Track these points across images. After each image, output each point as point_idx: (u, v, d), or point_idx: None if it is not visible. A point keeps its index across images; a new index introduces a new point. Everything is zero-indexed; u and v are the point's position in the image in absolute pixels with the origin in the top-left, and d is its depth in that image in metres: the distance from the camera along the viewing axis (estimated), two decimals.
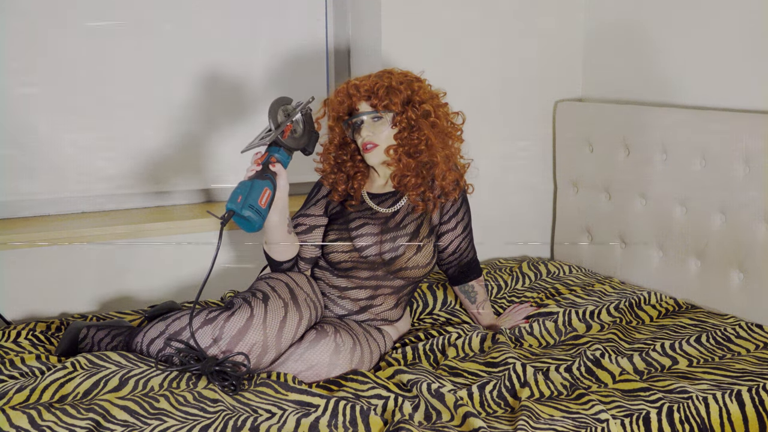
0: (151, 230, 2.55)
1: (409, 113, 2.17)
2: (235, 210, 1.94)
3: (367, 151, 2.19)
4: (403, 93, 2.17)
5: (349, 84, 2.21)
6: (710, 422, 1.83)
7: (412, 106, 2.18)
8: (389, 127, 2.18)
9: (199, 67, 2.74)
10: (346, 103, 2.19)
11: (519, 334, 2.28)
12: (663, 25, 2.73)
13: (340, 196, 2.27)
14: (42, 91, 2.56)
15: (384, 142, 2.18)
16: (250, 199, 1.94)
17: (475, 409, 1.86)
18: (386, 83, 2.17)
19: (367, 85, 2.17)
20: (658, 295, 2.53)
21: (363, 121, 2.18)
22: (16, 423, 1.66)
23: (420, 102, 2.19)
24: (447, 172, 2.21)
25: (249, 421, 1.72)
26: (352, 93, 2.18)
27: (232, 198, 1.96)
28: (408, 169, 2.19)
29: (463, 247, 2.32)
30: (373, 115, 2.17)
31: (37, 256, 2.43)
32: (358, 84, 2.19)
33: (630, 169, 2.75)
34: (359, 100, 2.18)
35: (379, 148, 2.18)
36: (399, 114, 2.17)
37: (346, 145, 2.26)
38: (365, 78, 2.21)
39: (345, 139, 2.25)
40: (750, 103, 2.47)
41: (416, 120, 2.17)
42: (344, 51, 2.93)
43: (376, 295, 2.22)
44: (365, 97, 2.17)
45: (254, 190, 1.96)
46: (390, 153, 2.19)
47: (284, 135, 2.03)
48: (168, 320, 2.03)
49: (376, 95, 2.16)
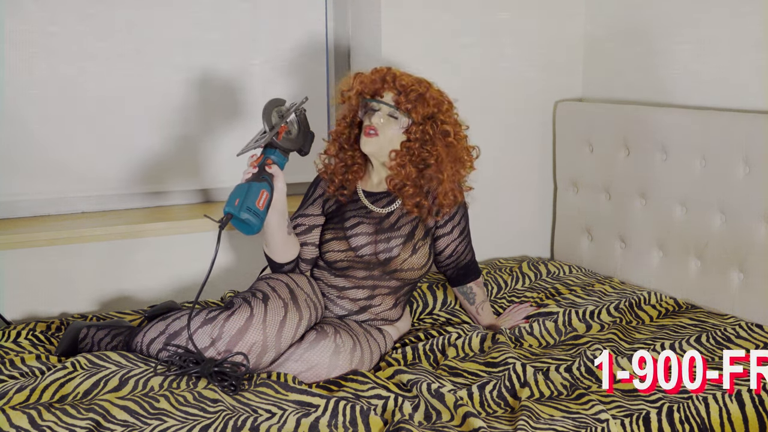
0: (150, 230, 2.55)
1: (427, 127, 2.18)
2: (233, 213, 1.94)
3: (368, 135, 2.17)
4: (430, 108, 2.18)
5: (389, 70, 2.21)
6: (710, 422, 1.83)
7: (433, 121, 2.19)
8: (399, 130, 2.19)
9: (198, 66, 2.74)
10: (378, 85, 2.19)
11: (519, 334, 2.28)
12: (663, 26, 2.73)
13: (336, 187, 2.27)
14: (41, 92, 2.56)
15: (386, 139, 2.18)
16: (247, 202, 1.94)
17: (475, 409, 1.86)
18: (421, 91, 2.18)
19: (403, 81, 2.18)
20: (658, 295, 2.53)
21: (380, 109, 2.18)
22: (16, 423, 1.66)
23: (442, 122, 2.20)
24: (450, 191, 2.22)
25: (249, 421, 1.72)
26: (387, 79, 2.18)
27: (229, 201, 1.95)
28: (408, 178, 2.19)
29: (460, 251, 2.32)
30: (392, 111, 2.18)
31: (37, 256, 2.43)
32: (397, 75, 2.19)
33: (630, 169, 2.75)
34: (389, 90, 2.19)
35: (379, 141, 2.18)
36: (416, 124, 2.17)
37: (352, 133, 2.25)
38: (405, 74, 2.22)
39: (354, 120, 2.24)
40: (750, 103, 2.47)
41: (432, 135, 2.18)
42: (344, 50, 2.93)
43: (374, 295, 2.22)
44: (396, 90, 2.18)
45: (251, 192, 1.95)
46: (393, 156, 2.19)
47: (279, 136, 2.03)
48: (168, 320, 2.03)
49: (406, 96, 2.16)
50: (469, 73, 2.86)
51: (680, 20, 2.67)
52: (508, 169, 2.98)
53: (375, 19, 2.76)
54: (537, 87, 3.01)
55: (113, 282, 2.55)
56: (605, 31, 2.97)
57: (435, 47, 2.80)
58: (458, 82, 2.42)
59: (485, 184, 2.52)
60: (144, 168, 2.72)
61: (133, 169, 2.71)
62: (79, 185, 2.65)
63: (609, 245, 2.87)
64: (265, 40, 2.83)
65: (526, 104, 3.00)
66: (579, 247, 2.99)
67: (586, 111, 2.93)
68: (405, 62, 2.52)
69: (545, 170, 3.10)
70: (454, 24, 2.83)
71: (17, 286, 2.43)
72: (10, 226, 2.48)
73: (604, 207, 2.88)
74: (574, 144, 2.97)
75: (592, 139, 2.90)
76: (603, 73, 3.00)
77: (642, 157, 2.70)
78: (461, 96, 2.32)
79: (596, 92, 3.03)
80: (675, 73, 2.70)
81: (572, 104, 3.00)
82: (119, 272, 2.56)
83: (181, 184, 2.78)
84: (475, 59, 2.88)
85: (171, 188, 2.77)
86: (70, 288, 2.49)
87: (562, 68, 3.05)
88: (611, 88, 2.96)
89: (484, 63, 2.90)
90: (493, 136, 2.91)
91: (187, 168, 2.78)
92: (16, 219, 2.57)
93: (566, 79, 3.06)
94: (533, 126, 3.04)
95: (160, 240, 2.57)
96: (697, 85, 2.63)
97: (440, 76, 2.33)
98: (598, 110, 2.89)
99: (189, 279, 2.62)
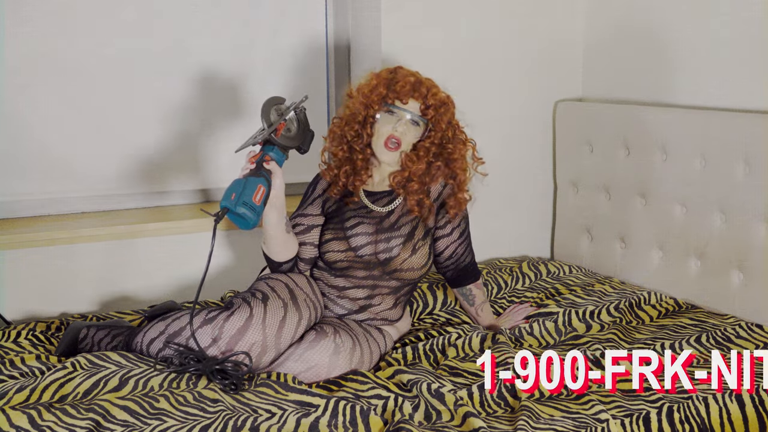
0: (150, 230, 2.55)
1: (448, 132, 2.21)
2: (229, 207, 1.93)
3: (390, 148, 2.17)
4: (450, 112, 2.21)
5: (417, 78, 2.19)
6: (710, 422, 1.83)
7: (452, 126, 2.23)
8: (417, 137, 2.20)
9: (198, 67, 2.74)
10: (406, 93, 2.16)
11: (519, 334, 2.28)
12: (663, 26, 2.73)
13: (340, 191, 2.27)
14: (43, 92, 2.56)
15: (406, 146, 2.19)
16: (244, 196, 1.93)
17: (475, 409, 1.86)
18: (445, 100, 2.20)
19: (430, 88, 2.18)
20: (658, 295, 2.53)
21: (403, 117, 2.18)
22: (16, 423, 1.66)
23: (457, 126, 2.25)
24: (465, 192, 2.26)
25: (249, 421, 1.72)
26: (422, 91, 2.17)
27: (225, 196, 1.95)
28: (416, 174, 2.19)
29: (459, 252, 2.32)
30: (416, 119, 2.18)
31: (37, 256, 2.43)
32: (430, 88, 2.19)
33: (630, 169, 2.75)
34: (417, 98, 2.18)
35: (399, 150, 2.19)
36: (438, 132, 2.20)
37: (362, 133, 2.22)
38: (433, 84, 2.21)
39: (367, 120, 2.20)
40: (750, 103, 2.47)
41: (451, 137, 2.22)
42: (344, 48, 2.93)
43: (374, 294, 2.22)
44: (421, 98, 2.18)
45: (248, 187, 1.95)
46: (411, 152, 2.20)
47: (277, 133, 2.03)
48: (168, 320, 2.03)
49: (436, 109, 2.18)
50: (469, 73, 2.86)
51: (680, 20, 2.67)
52: (508, 169, 2.98)
53: (375, 19, 2.76)
54: (537, 87, 3.01)
55: (113, 282, 2.55)
56: (605, 31, 2.97)
57: (435, 47, 2.80)
58: (458, 81, 2.42)
59: (485, 183, 2.52)
60: (144, 168, 2.72)
61: (133, 169, 2.71)
62: (79, 185, 2.65)
63: (609, 245, 2.87)
64: (265, 40, 2.83)
65: (526, 104, 3.01)
66: (579, 247, 2.99)
67: (586, 111, 2.93)
68: (405, 62, 2.52)
69: (545, 170, 3.10)
70: (454, 24, 2.83)
71: (17, 286, 2.43)
72: (10, 226, 2.48)
73: (604, 207, 2.88)
74: (574, 144, 2.97)
75: (592, 139, 2.90)
76: (603, 73, 3.00)
77: (642, 157, 2.70)
78: (461, 95, 2.32)
79: (596, 92, 3.03)
80: (675, 73, 2.70)
81: (572, 104, 3.00)
82: (119, 272, 2.56)
83: (180, 184, 2.78)
84: (476, 59, 2.88)
85: (171, 188, 2.77)
86: (70, 288, 2.49)
87: (562, 68, 3.05)
88: (611, 88, 2.96)
89: (484, 63, 2.90)
90: (493, 136, 2.90)
91: (186, 168, 2.78)
92: (16, 219, 2.57)
93: (566, 79, 3.06)
94: (533, 126, 3.04)
95: (159, 240, 2.57)
96: (697, 85, 2.63)
97: (440, 75, 2.33)
98: (598, 110, 2.89)
99: (189, 279, 2.62)
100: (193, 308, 1.95)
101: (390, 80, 2.20)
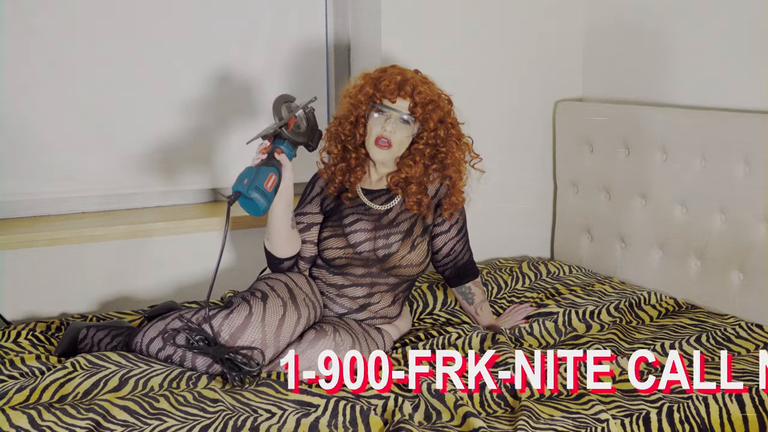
0: (151, 230, 2.55)
1: (440, 131, 2.19)
2: (242, 191, 1.95)
3: (380, 146, 2.17)
4: (442, 110, 2.20)
5: (407, 80, 2.17)
6: (710, 422, 1.83)
7: (443, 125, 2.20)
8: (409, 136, 2.19)
9: (198, 67, 2.74)
10: (393, 92, 2.15)
11: (519, 334, 2.28)
12: (662, 25, 2.73)
13: (336, 188, 2.27)
14: (43, 92, 2.56)
15: (397, 146, 2.19)
16: (256, 182, 1.95)
17: (475, 409, 1.86)
18: (433, 98, 2.18)
19: (420, 90, 2.15)
20: (658, 295, 2.53)
21: (391, 116, 2.17)
22: (16, 423, 1.66)
23: (452, 125, 2.23)
24: (461, 193, 2.26)
25: (249, 421, 1.72)
26: (407, 89, 2.15)
27: (238, 181, 1.97)
28: (414, 176, 2.19)
29: (457, 250, 2.32)
30: (404, 117, 2.17)
31: (37, 256, 2.43)
32: (415, 86, 2.16)
33: (630, 169, 2.75)
34: (404, 97, 2.17)
35: (392, 150, 2.18)
36: (428, 131, 2.18)
37: (355, 133, 2.22)
38: (419, 81, 2.19)
39: (359, 120, 2.21)
40: (750, 103, 2.47)
41: (444, 138, 2.20)
42: (344, 48, 2.93)
43: (373, 292, 2.22)
44: (412, 99, 2.17)
45: (260, 174, 1.97)
46: (406, 156, 2.19)
47: (288, 128, 2.05)
48: (167, 320, 2.03)
49: (423, 107, 2.16)
50: (469, 73, 2.86)
51: (680, 20, 2.67)
52: (508, 169, 2.98)
53: (375, 19, 2.76)
54: (537, 87, 3.01)
55: (113, 282, 2.55)
56: (605, 31, 2.97)
57: (435, 47, 2.80)
58: (458, 81, 2.42)
59: (485, 183, 2.52)
60: (144, 168, 2.72)
61: (133, 170, 2.71)
62: (79, 185, 2.65)
63: (609, 245, 2.87)
64: (265, 40, 2.83)
65: (526, 104, 3.00)
66: (579, 247, 2.99)
67: (586, 111, 2.93)
68: (405, 61, 2.52)
69: (545, 170, 3.10)
70: (454, 24, 2.83)
71: (17, 286, 2.43)
72: (10, 226, 2.49)
73: (604, 207, 2.88)
74: (574, 144, 2.97)
75: (592, 139, 2.90)
76: (603, 73, 3.00)
77: (642, 157, 2.70)
78: (461, 95, 2.32)
79: (596, 92, 3.03)
80: (675, 73, 2.70)
81: (572, 104, 3.00)
82: (119, 272, 2.56)
83: (181, 184, 2.78)
84: (475, 59, 2.88)
85: (171, 188, 2.77)
86: (70, 288, 2.49)
87: (562, 68, 3.05)
88: (611, 88, 2.96)
89: (484, 63, 2.90)
90: (492, 135, 2.90)
91: (186, 168, 2.78)
92: (16, 219, 2.57)
93: (566, 79, 3.06)
94: (533, 126, 3.04)
95: (160, 240, 2.57)
96: (697, 85, 2.63)
97: (440, 75, 2.33)
98: (598, 110, 2.89)
99: (189, 279, 2.62)
100: (209, 295, 1.94)
101: (377, 79, 2.20)
